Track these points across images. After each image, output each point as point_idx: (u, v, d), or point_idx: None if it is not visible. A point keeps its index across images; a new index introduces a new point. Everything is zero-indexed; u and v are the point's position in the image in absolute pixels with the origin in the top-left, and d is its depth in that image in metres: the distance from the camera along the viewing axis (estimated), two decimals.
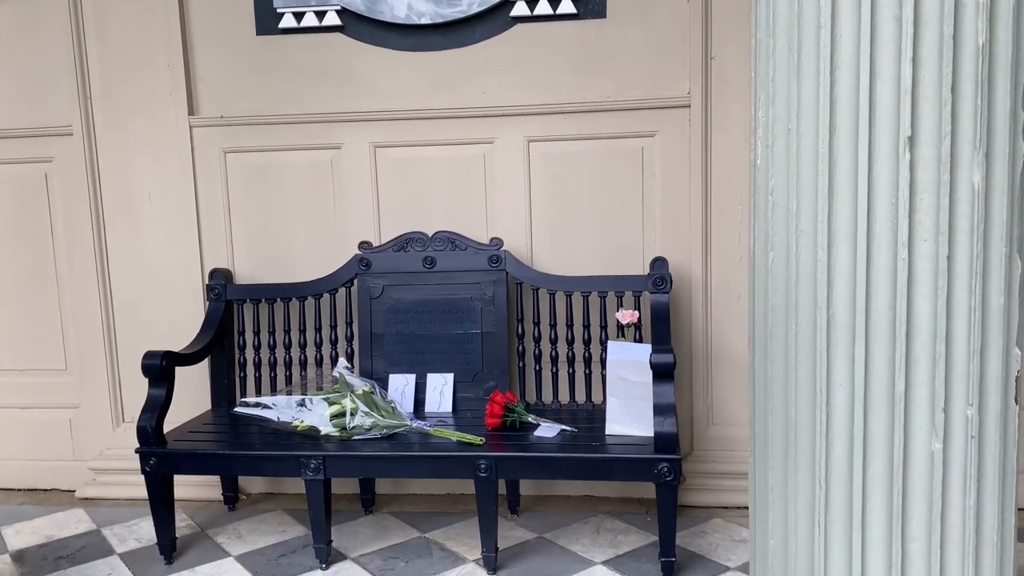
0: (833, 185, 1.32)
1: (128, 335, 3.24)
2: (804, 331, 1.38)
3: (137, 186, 3.17)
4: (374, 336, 2.98)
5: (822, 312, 1.35)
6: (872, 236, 1.30)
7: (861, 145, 1.29)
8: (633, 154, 2.95)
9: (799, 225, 1.37)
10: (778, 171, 1.41)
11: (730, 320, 2.97)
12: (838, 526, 1.38)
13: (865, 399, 1.33)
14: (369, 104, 3.04)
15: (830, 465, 1.37)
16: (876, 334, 1.31)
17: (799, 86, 1.35)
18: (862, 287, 1.31)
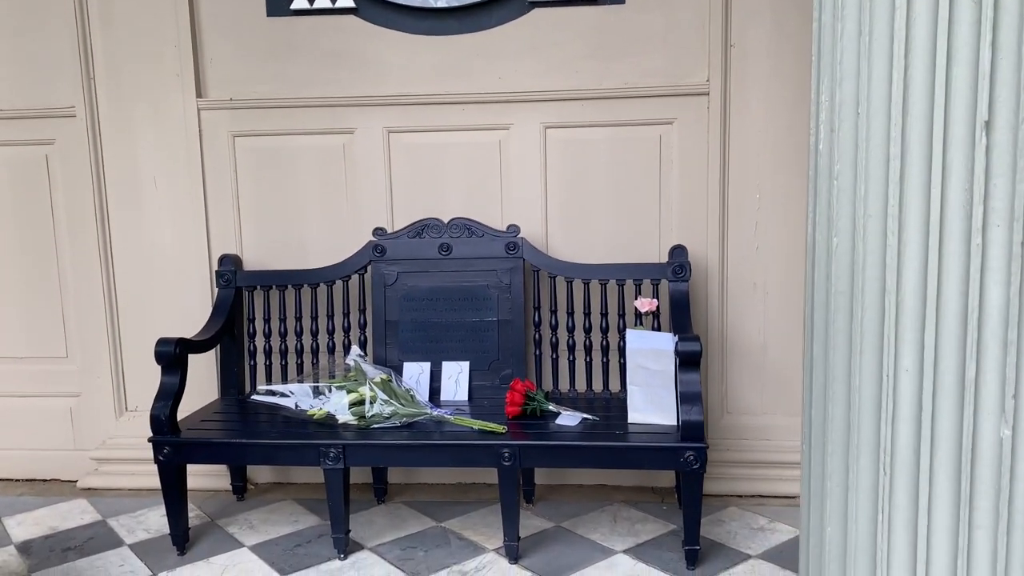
0: (905, 169, 1.31)
1: (132, 322, 3.17)
2: (870, 317, 1.37)
3: (142, 170, 3.09)
4: (388, 324, 2.94)
5: (891, 298, 1.34)
6: (945, 221, 1.29)
7: (936, 129, 1.28)
8: (651, 142, 2.93)
9: (867, 210, 1.36)
10: (844, 155, 1.40)
11: (745, 309, 2.97)
12: (902, 513, 1.37)
13: (934, 385, 1.32)
14: (383, 88, 2.99)
15: (895, 451, 1.36)
16: (946, 320, 1.31)
17: (870, 69, 1.34)
18: (933, 273, 1.30)
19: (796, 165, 2.87)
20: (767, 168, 2.89)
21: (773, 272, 2.94)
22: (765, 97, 2.85)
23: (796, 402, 2.99)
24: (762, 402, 3.01)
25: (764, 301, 2.96)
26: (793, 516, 2.79)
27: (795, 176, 2.87)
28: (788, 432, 2.98)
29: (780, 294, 2.95)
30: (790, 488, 2.94)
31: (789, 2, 2.80)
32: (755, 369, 2.99)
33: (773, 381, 2.99)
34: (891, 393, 1.36)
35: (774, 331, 2.97)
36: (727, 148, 2.89)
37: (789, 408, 2.99)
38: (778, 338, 2.97)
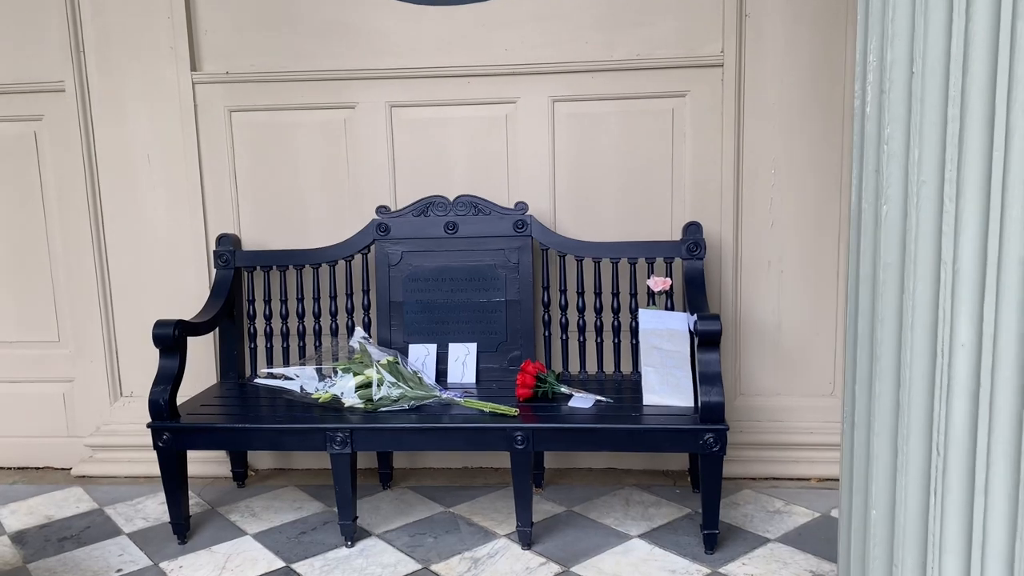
0: (964, 132, 1.23)
1: (126, 305, 3.06)
2: (923, 289, 1.30)
3: (135, 147, 2.98)
4: (392, 305, 2.85)
5: (947, 268, 1.26)
6: (1007, 186, 1.21)
7: (999, 88, 1.20)
8: (663, 115, 2.85)
9: (921, 176, 1.28)
10: (896, 118, 1.32)
11: (760, 288, 2.89)
12: (956, 496, 1.30)
13: (993, 360, 1.25)
14: (385, 61, 2.89)
15: (949, 431, 1.29)
16: (1007, 290, 1.23)
17: (926, 24, 1.25)
18: (994, 240, 1.23)
19: (813, 139, 2.79)
20: (782, 143, 2.80)
21: (788, 249, 2.86)
22: (781, 68, 2.77)
23: (811, 383, 2.93)
24: (776, 383, 2.94)
25: (779, 279, 2.88)
26: (810, 499, 2.73)
27: (812, 150, 2.80)
28: (803, 413, 2.92)
29: (795, 272, 2.88)
30: (805, 470, 2.88)
31: None
32: (769, 349, 2.93)
33: (788, 361, 2.92)
34: (946, 369, 1.28)
35: (789, 310, 2.90)
36: (741, 121, 2.81)
37: (804, 389, 2.93)
38: (793, 317, 2.90)
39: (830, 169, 2.80)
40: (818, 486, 2.84)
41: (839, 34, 2.73)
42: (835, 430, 2.90)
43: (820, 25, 2.73)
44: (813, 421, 2.92)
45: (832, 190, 2.82)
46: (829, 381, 2.93)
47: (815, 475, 2.88)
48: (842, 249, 2.85)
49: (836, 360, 2.91)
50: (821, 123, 2.78)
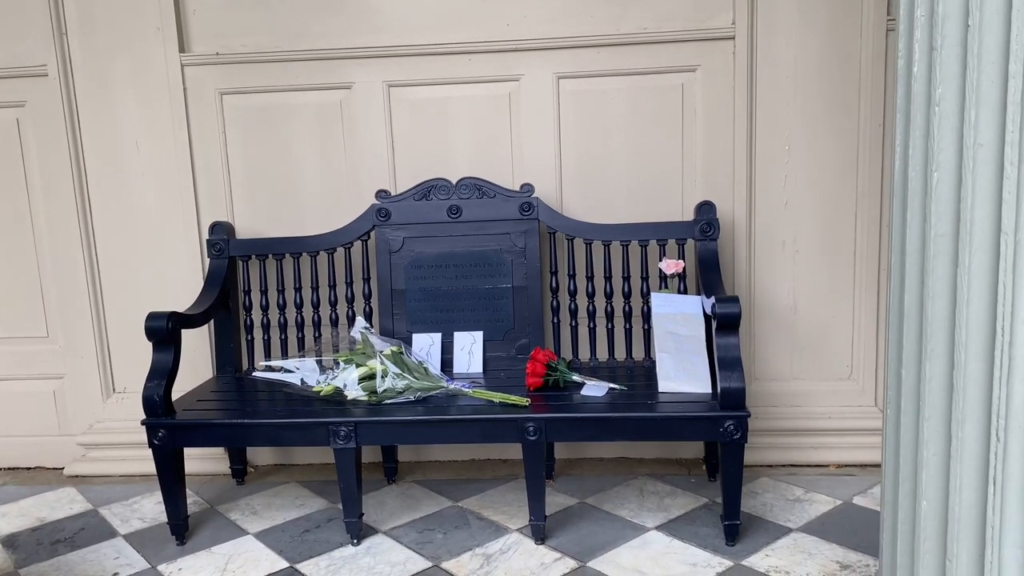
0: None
1: (117, 297, 2.95)
2: (980, 261, 1.20)
3: (123, 132, 2.86)
4: (395, 293, 2.74)
5: (1007, 237, 1.16)
6: None
7: None
8: (672, 91, 2.74)
9: (977, 138, 1.18)
10: (948, 77, 1.21)
11: (774, 269, 2.80)
12: (1017, 483, 1.20)
13: None
14: (382, 39, 2.77)
15: (1010, 415, 1.19)
16: None
17: None
18: None
19: (828, 114, 2.69)
20: (797, 118, 2.70)
21: (803, 229, 2.76)
22: (794, 41, 2.66)
23: (828, 366, 2.84)
24: (792, 367, 2.85)
25: (794, 259, 2.78)
26: (830, 486, 2.65)
27: (827, 126, 2.69)
28: (820, 398, 2.83)
29: (811, 252, 2.78)
30: (824, 456, 2.79)
31: None
32: (785, 332, 2.83)
33: (804, 344, 2.83)
34: (1006, 348, 1.18)
35: (804, 291, 2.80)
36: (754, 97, 2.70)
37: (821, 372, 2.84)
38: (809, 299, 2.80)
39: (847, 145, 2.70)
40: (837, 472, 2.75)
41: (854, 3, 2.62)
42: (854, 415, 2.81)
43: None
44: (831, 406, 2.83)
45: (849, 167, 2.72)
46: (847, 364, 2.84)
47: (834, 461, 2.79)
48: (860, 227, 2.75)
49: (854, 343, 2.82)
50: (837, 97, 2.68)
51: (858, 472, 2.74)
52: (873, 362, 2.81)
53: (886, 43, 2.63)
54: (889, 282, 1.39)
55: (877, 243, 2.75)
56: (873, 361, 2.81)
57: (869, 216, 2.73)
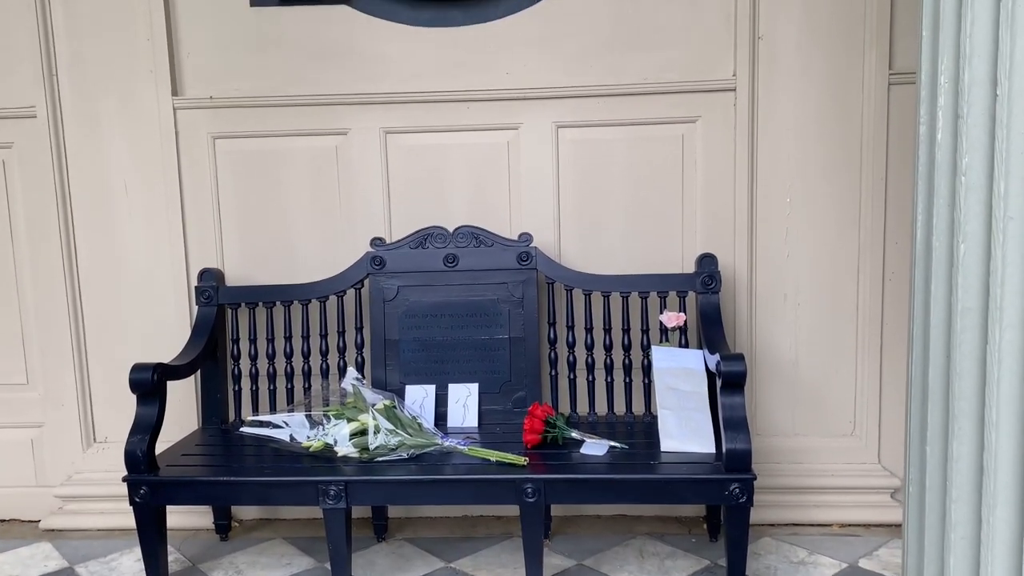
0: None
1: (100, 344, 2.86)
2: (1011, 338, 1.15)
3: (112, 175, 2.79)
4: (388, 343, 2.67)
5: None
6: None
7: None
8: (672, 141, 2.71)
9: (1007, 211, 1.13)
10: (975, 146, 1.17)
11: (776, 323, 2.75)
12: None
13: None
14: (379, 85, 2.73)
15: None
16: None
17: (1012, 41, 1.11)
18: None
19: (830, 167, 2.66)
20: (798, 170, 2.67)
21: (805, 282, 2.72)
22: (796, 94, 2.64)
23: (831, 422, 2.78)
24: (794, 423, 2.79)
25: (795, 313, 2.74)
26: (834, 547, 2.57)
27: (829, 179, 2.67)
28: (823, 455, 2.77)
29: (813, 306, 2.73)
30: (827, 515, 2.72)
31: None
32: (786, 387, 2.77)
33: (806, 400, 2.77)
34: None
35: (807, 346, 2.75)
36: (755, 149, 2.68)
37: (823, 428, 2.78)
38: (811, 353, 2.75)
39: (849, 199, 2.67)
40: (841, 532, 2.68)
41: (856, 57, 2.61)
42: (857, 472, 2.75)
43: (837, 48, 2.61)
44: (833, 463, 2.77)
45: (851, 221, 2.69)
46: (849, 420, 2.78)
47: (837, 520, 2.72)
48: (862, 282, 2.71)
49: (857, 398, 2.76)
50: (839, 150, 2.66)
51: (862, 532, 2.67)
52: (876, 418, 2.76)
53: (888, 97, 2.62)
54: (910, 353, 1.34)
55: (880, 298, 2.71)
56: (876, 417, 2.76)
57: (871, 271, 2.70)
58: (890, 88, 2.61)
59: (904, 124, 2.63)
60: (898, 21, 2.60)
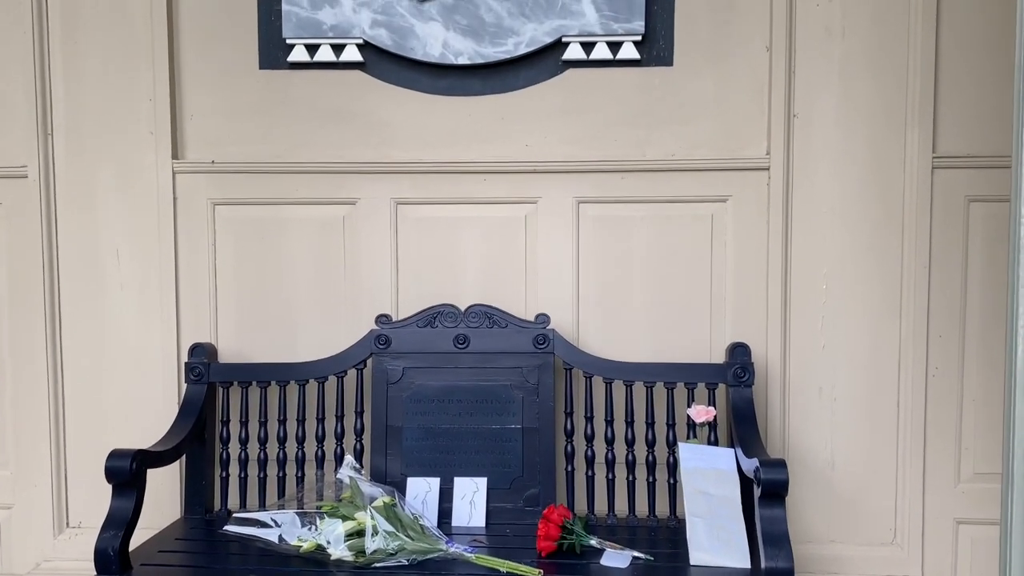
0: None
1: (80, 420, 2.66)
2: None
3: (103, 240, 2.63)
4: (390, 430, 2.46)
5: None
6: None
7: None
8: (701, 221, 2.55)
9: None
10: None
11: (810, 419, 2.54)
12: None
13: None
14: (391, 154, 2.59)
15: None
16: None
17: None
18: None
19: (868, 252, 2.50)
20: (835, 255, 2.50)
21: (842, 375, 2.53)
22: (833, 175, 2.49)
23: (869, 529, 2.54)
24: (830, 529, 2.56)
25: (831, 408, 2.53)
26: None
27: (868, 265, 2.50)
28: (861, 565, 2.53)
29: (850, 401, 2.53)
30: None
31: (860, 67, 2.47)
32: (821, 489, 2.55)
33: (843, 504, 2.55)
34: None
35: (843, 444, 2.54)
36: (789, 231, 2.51)
37: (862, 536, 2.55)
38: (848, 453, 2.54)
39: (889, 286, 2.50)
40: None
41: (897, 138, 2.47)
42: None
43: (877, 128, 2.47)
44: (872, 574, 2.52)
45: (891, 309, 2.51)
46: (890, 528, 2.54)
47: None
48: (903, 376, 2.52)
49: (898, 504, 2.54)
50: (879, 235, 2.49)
51: None
52: (919, 526, 2.53)
53: (931, 180, 2.47)
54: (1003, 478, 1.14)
55: (923, 395, 2.51)
56: (919, 525, 2.53)
57: (914, 365, 2.50)
58: (934, 171, 2.46)
59: (949, 210, 2.48)
60: (942, 101, 2.46)
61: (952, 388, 2.52)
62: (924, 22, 2.44)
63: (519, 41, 2.51)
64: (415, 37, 2.52)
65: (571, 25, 2.49)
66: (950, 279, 2.50)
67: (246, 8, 2.59)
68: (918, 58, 2.45)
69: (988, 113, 2.46)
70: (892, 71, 2.46)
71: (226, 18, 2.59)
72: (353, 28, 2.52)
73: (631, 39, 2.50)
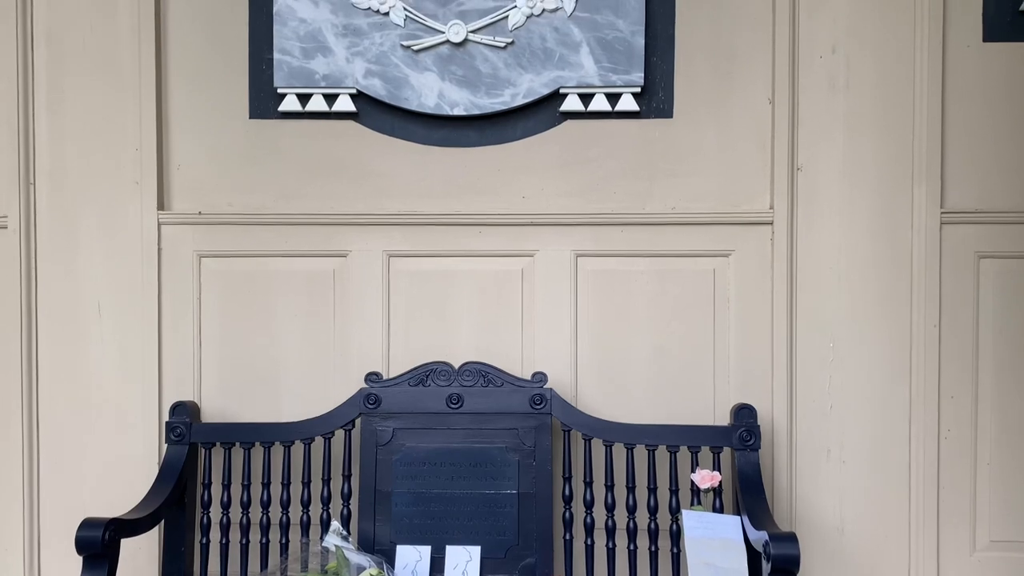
0: None
1: (56, 483, 2.53)
2: None
3: (84, 293, 2.53)
4: (379, 494, 2.35)
5: None
6: None
7: None
8: (703, 276, 2.47)
9: None
10: None
11: (819, 482, 2.44)
12: None
13: None
14: (384, 205, 2.51)
15: None
16: None
17: None
18: None
19: (876, 310, 2.42)
20: (842, 313, 2.42)
21: (851, 437, 2.43)
22: (839, 229, 2.42)
23: None
24: None
25: (840, 472, 2.43)
26: None
27: (876, 322, 2.42)
28: None
29: (859, 463, 2.43)
30: None
31: (865, 120, 2.42)
32: (830, 556, 2.43)
33: (853, 572, 2.43)
34: None
35: (853, 509, 2.43)
36: (794, 287, 2.44)
37: None
38: (858, 518, 2.43)
39: (898, 345, 2.42)
40: None
41: (904, 192, 2.41)
42: None
43: (883, 182, 2.41)
44: None
45: (901, 369, 2.42)
46: None
47: None
48: (915, 437, 2.42)
49: (911, 572, 2.42)
50: (887, 292, 2.42)
51: None
52: None
53: (940, 236, 2.40)
54: None
55: (935, 458, 2.41)
56: None
57: (926, 426, 2.41)
58: (942, 227, 2.40)
59: (958, 267, 2.41)
60: (949, 155, 2.41)
61: (966, 451, 2.42)
62: (930, 74, 2.39)
63: (516, 92, 2.45)
64: (410, 87, 2.46)
65: (569, 76, 2.43)
66: (961, 338, 2.42)
67: (237, 56, 2.53)
68: (924, 111, 2.40)
69: (997, 167, 2.41)
70: (898, 124, 2.41)
71: (216, 66, 2.53)
72: (346, 78, 2.46)
73: (630, 91, 2.44)
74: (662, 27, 2.47)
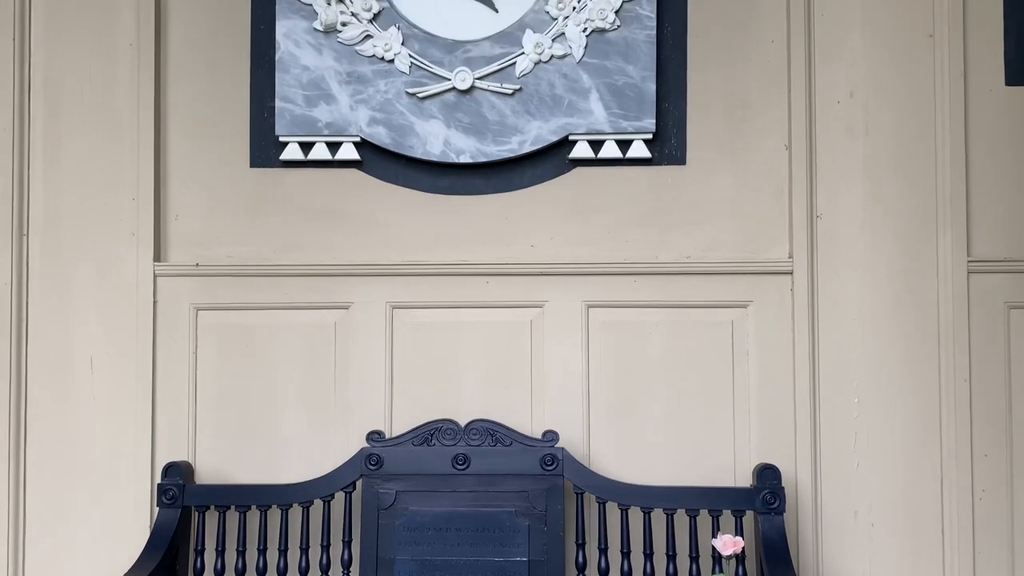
0: None
1: (42, 549, 2.40)
2: None
3: (76, 348, 2.44)
4: (381, 562, 2.22)
5: None
6: None
7: None
8: (720, 328, 2.37)
9: None
10: None
11: (845, 545, 2.30)
12: None
13: None
14: (388, 255, 2.43)
15: None
16: None
17: None
18: None
19: (902, 363, 2.31)
20: (867, 367, 2.32)
21: (879, 497, 2.30)
22: (862, 279, 2.33)
23: None
24: None
25: (869, 534, 2.30)
26: None
27: (904, 376, 2.31)
28: None
29: (889, 525, 2.30)
30: None
31: (886, 166, 2.34)
32: None
33: None
34: None
35: (883, 575, 2.29)
36: (816, 340, 2.33)
37: None
38: None
39: (927, 400, 2.31)
40: None
41: (928, 240, 2.32)
42: None
43: (906, 229, 2.33)
44: None
45: (931, 425, 2.30)
46: None
47: None
48: (947, 497, 2.30)
49: None
50: (914, 344, 2.31)
51: None
52: None
53: (967, 286, 2.30)
54: None
55: (970, 519, 2.28)
56: None
57: (959, 486, 2.28)
58: (969, 276, 2.30)
59: (987, 318, 2.31)
60: (975, 202, 2.32)
61: (1002, 512, 2.29)
62: (951, 119, 2.32)
63: (524, 139, 2.38)
64: (415, 135, 2.39)
65: (578, 123, 2.36)
66: (993, 392, 2.31)
67: (237, 104, 2.47)
68: (947, 156, 2.32)
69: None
70: (920, 170, 2.33)
71: (216, 114, 2.47)
72: (350, 125, 2.40)
73: (641, 137, 2.37)
74: (674, 73, 2.41)
